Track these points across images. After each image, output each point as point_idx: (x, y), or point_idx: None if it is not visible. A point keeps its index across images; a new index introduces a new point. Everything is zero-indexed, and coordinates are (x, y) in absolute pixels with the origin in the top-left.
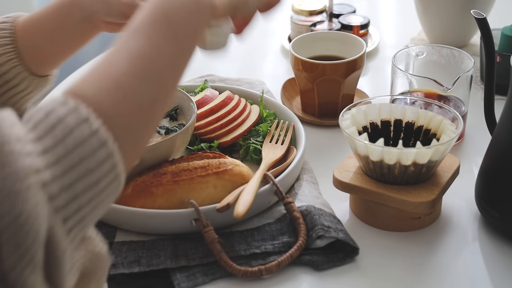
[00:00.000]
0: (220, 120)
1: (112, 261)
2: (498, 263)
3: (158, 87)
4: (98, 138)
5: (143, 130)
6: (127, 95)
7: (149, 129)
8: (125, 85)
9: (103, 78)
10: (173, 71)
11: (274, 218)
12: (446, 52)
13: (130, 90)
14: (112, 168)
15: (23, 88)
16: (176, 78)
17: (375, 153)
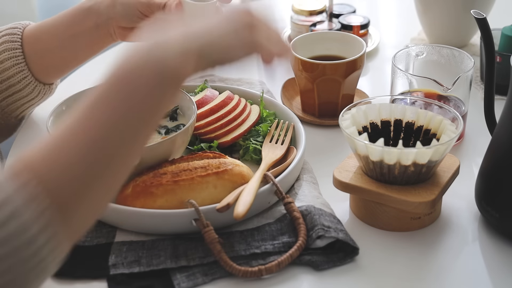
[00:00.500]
0: (220, 120)
1: (112, 261)
2: (498, 263)
3: (113, 171)
4: (42, 222)
5: (93, 207)
6: (78, 179)
7: (102, 202)
8: (77, 171)
9: (56, 158)
10: (129, 154)
11: (274, 218)
12: (446, 52)
13: (82, 176)
14: (52, 248)
15: (27, 94)
16: (132, 157)
17: (375, 153)
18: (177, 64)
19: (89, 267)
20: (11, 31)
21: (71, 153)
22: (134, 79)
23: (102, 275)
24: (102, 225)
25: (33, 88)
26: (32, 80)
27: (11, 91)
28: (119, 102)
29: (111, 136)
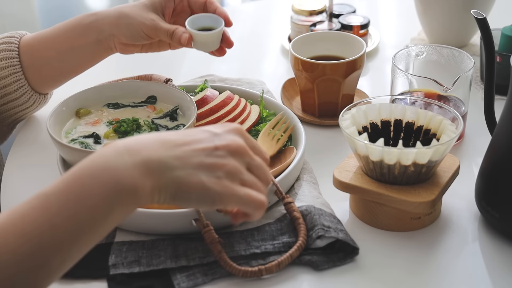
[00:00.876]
0: (220, 120)
1: (112, 261)
2: (498, 263)
3: (40, 272)
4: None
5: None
6: (2, 276)
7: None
8: (3, 264)
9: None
10: (64, 259)
11: (274, 218)
12: (446, 52)
13: (7, 272)
14: None
15: (22, 103)
16: (64, 264)
17: (375, 153)
18: (133, 180)
19: (89, 267)
20: (8, 40)
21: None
22: (87, 186)
23: (102, 275)
24: None
25: (29, 97)
26: (28, 89)
27: (7, 99)
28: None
29: (46, 242)
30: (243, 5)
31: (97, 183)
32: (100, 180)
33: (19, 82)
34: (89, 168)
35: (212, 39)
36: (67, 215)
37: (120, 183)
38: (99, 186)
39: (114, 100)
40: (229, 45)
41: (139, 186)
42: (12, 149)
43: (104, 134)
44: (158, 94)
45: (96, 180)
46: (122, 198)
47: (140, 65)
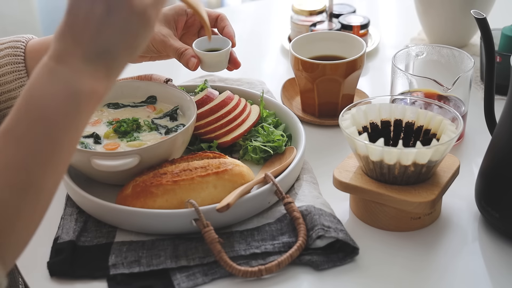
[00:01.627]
0: (220, 120)
1: (112, 261)
2: (498, 263)
3: (38, 196)
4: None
5: (26, 232)
6: (6, 211)
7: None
8: (2, 201)
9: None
10: (52, 174)
11: (274, 218)
12: (446, 52)
13: (9, 206)
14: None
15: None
16: (58, 178)
17: (375, 153)
18: (86, 81)
19: (89, 267)
20: (14, 44)
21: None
22: (46, 105)
23: (102, 275)
24: (102, 225)
25: None
26: None
27: (11, 103)
28: (36, 125)
29: (29, 165)
30: (243, 5)
31: (56, 106)
32: (58, 102)
33: (24, 87)
34: (40, 91)
35: (219, 59)
36: (40, 137)
37: (75, 93)
38: (60, 108)
39: (114, 100)
40: (236, 66)
41: (94, 86)
42: None
43: (104, 134)
44: (158, 94)
45: (51, 97)
46: (86, 103)
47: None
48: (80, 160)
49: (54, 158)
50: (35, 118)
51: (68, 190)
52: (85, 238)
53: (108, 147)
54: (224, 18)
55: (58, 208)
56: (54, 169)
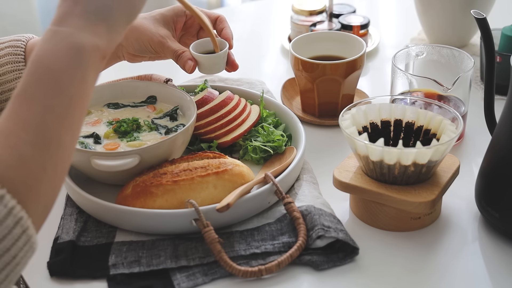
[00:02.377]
0: (220, 120)
1: (112, 261)
2: (498, 263)
3: (59, 151)
4: (13, 217)
5: (52, 189)
6: (32, 167)
7: (58, 182)
8: (28, 158)
9: (5, 152)
10: (69, 128)
11: (274, 218)
12: (446, 52)
13: (34, 162)
14: (26, 240)
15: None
16: (74, 134)
17: (375, 153)
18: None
19: (89, 267)
20: (14, 43)
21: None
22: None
23: (102, 275)
24: (102, 225)
25: None
26: None
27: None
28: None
29: (46, 120)
30: (243, 5)
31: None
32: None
33: None
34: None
35: (216, 61)
36: (51, 93)
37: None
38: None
39: (114, 100)
40: (234, 68)
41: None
42: None
43: (104, 134)
44: (158, 94)
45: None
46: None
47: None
48: (80, 160)
49: (69, 112)
50: (43, 77)
51: (68, 190)
52: (85, 238)
53: (108, 147)
54: (223, 20)
55: (58, 208)
56: (69, 123)
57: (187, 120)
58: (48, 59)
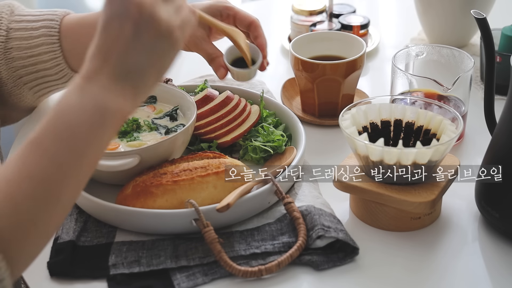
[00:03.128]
0: (220, 120)
1: (112, 261)
2: (498, 263)
3: (56, 208)
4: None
5: (39, 242)
6: (23, 220)
7: (48, 235)
8: (22, 210)
9: (2, 199)
10: (73, 187)
11: (274, 218)
12: (446, 52)
13: (27, 215)
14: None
15: (54, 73)
16: (75, 192)
17: (375, 153)
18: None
19: (89, 267)
20: (48, 24)
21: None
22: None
23: (102, 275)
24: (102, 225)
25: (63, 74)
26: (67, 71)
27: (47, 80)
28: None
29: (51, 176)
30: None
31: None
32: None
33: (59, 66)
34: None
35: (248, 73)
36: (65, 149)
37: (102, 109)
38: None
39: None
40: (262, 69)
41: (121, 104)
42: (12, 148)
43: None
44: (158, 94)
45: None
46: (112, 123)
47: None
48: None
49: (77, 171)
50: (61, 131)
51: None
52: (85, 238)
53: (108, 147)
54: (257, 26)
55: None
56: (75, 183)
57: (187, 120)
58: (71, 116)
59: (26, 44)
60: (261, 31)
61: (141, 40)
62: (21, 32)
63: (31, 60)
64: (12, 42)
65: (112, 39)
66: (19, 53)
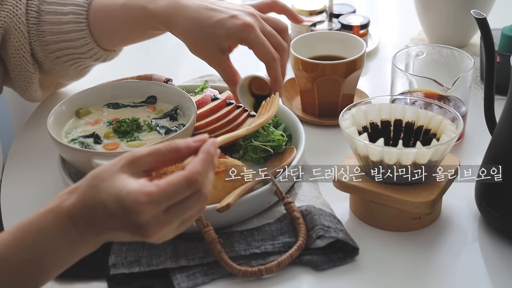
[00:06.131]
0: (220, 120)
1: (112, 261)
2: (498, 263)
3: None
4: None
5: None
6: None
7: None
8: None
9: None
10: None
11: (274, 218)
12: (446, 52)
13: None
14: None
15: (89, 57)
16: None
17: (375, 153)
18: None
19: (89, 267)
20: (76, 10)
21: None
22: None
23: (102, 275)
24: None
25: (94, 53)
26: (97, 49)
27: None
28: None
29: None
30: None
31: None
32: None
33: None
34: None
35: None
36: (27, 275)
37: (76, 254)
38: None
39: (114, 100)
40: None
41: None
42: (12, 149)
43: (104, 134)
44: (158, 94)
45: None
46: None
47: (140, 65)
48: (80, 160)
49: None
50: (32, 259)
51: None
52: None
53: (108, 147)
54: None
55: None
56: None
57: (187, 120)
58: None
59: (57, 29)
60: (278, 70)
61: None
62: (51, 16)
63: (64, 45)
64: (44, 26)
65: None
66: (51, 37)
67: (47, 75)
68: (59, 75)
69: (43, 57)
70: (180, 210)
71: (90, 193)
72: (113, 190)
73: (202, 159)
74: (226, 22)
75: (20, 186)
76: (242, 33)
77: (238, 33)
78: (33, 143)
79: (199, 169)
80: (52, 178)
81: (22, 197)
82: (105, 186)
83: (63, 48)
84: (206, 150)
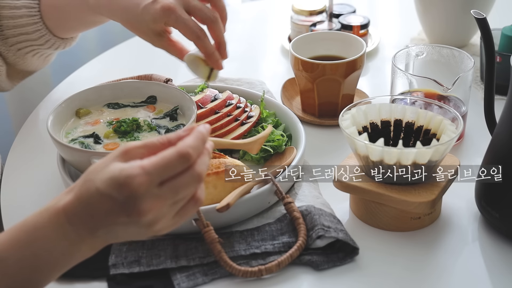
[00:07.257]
0: (220, 120)
1: (112, 261)
2: (498, 263)
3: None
4: None
5: None
6: None
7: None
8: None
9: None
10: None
11: (274, 218)
12: (446, 52)
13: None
14: None
15: (48, 47)
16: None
17: (375, 153)
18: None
19: (89, 267)
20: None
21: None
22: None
23: (102, 275)
24: None
25: (47, 39)
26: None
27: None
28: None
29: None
30: (243, 5)
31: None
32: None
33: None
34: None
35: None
36: (24, 275)
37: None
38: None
39: (114, 100)
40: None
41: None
42: (12, 148)
43: (104, 134)
44: (158, 94)
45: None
46: (75, 262)
47: (140, 65)
48: (80, 160)
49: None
50: (27, 257)
51: None
52: None
53: (108, 147)
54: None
55: None
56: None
57: (187, 120)
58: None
59: (13, 23)
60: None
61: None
62: (6, 10)
63: (22, 37)
64: (1, 21)
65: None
66: (9, 31)
67: (12, 66)
68: (24, 65)
69: (5, 51)
70: (174, 186)
71: (85, 187)
72: (107, 175)
73: (193, 135)
74: (149, 8)
75: (20, 186)
76: (163, 17)
77: (160, 18)
78: (33, 143)
79: (189, 143)
80: (52, 178)
81: (22, 197)
82: (99, 176)
83: (22, 41)
84: (196, 129)
